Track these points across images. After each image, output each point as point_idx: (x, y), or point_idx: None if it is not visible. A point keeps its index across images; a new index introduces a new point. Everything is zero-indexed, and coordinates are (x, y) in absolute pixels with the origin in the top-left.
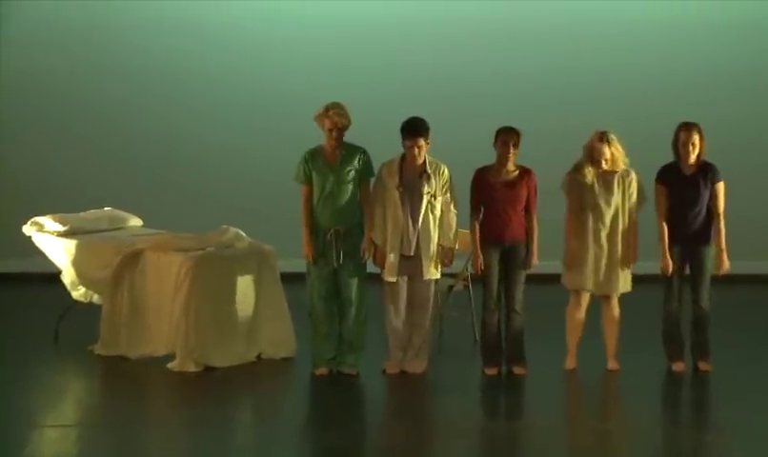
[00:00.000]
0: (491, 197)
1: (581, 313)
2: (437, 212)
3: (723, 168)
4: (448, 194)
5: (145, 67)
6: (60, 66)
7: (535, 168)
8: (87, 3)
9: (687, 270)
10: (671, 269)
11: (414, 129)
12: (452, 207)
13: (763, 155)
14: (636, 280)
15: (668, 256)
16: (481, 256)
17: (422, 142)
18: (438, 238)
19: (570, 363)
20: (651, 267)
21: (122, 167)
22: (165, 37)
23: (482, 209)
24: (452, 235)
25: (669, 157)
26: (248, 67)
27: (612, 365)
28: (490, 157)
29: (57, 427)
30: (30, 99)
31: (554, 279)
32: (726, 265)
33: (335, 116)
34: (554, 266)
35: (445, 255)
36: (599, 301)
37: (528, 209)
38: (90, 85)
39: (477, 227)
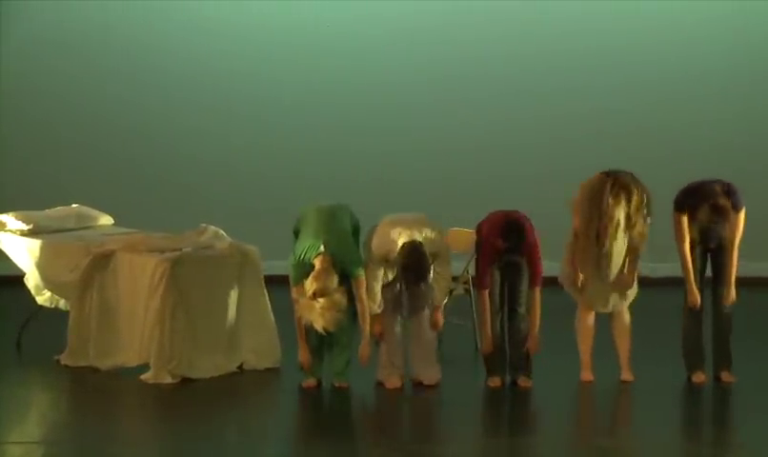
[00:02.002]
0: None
1: (591, 320)
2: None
3: (740, 165)
4: (441, 258)
5: (116, 62)
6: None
7: (538, 160)
8: None
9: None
10: (699, 302)
11: (413, 276)
12: (444, 269)
13: None
14: (653, 283)
15: (695, 289)
16: (489, 334)
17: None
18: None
19: (586, 375)
20: (668, 269)
21: (91, 161)
22: (145, 34)
23: (491, 277)
24: (441, 294)
25: (674, 151)
26: (226, 63)
27: (625, 375)
28: (492, 153)
29: (20, 444)
30: None
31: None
32: (733, 297)
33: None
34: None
35: (435, 317)
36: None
37: (531, 279)
38: (64, 79)
39: (486, 307)
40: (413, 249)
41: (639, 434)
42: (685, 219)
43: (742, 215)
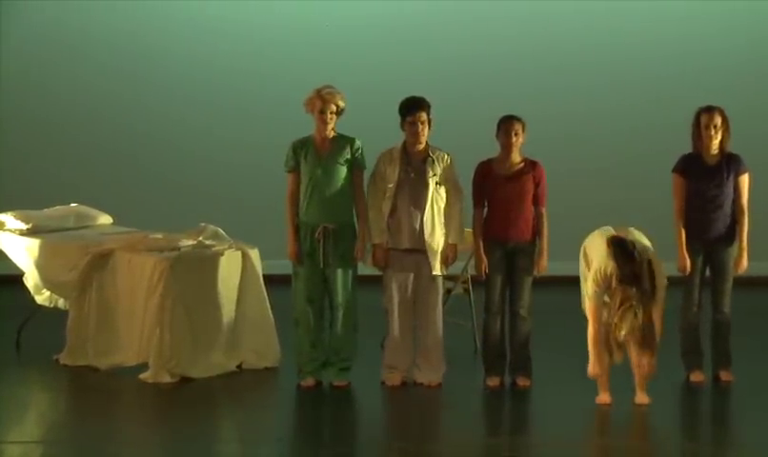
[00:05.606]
0: (494, 192)
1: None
2: (442, 203)
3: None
4: (450, 184)
5: (115, 62)
6: (20, 55)
7: (541, 158)
8: None
9: (707, 272)
10: (689, 269)
11: (413, 102)
12: (455, 198)
13: None
14: None
15: (685, 254)
16: (485, 258)
17: (424, 117)
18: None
19: (603, 397)
20: (667, 268)
21: (90, 161)
22: (144, 32)
23: (485, 206)
24: (455, 231)
25: (674, 151)
26: (225, 61)
27: (641, 398)
28: (493, 152)
29: (19, 444)
30: None
31: (562, 281)
32: (745, 264)
33: (328, 95)
34: (562, 267)
35: (447, 253)
36: None
37: (537, 205)
38: (62, 74)
39: (480, 225)
40: None
41: (639, 433)
42: (683, 181)
43: (746, 178)
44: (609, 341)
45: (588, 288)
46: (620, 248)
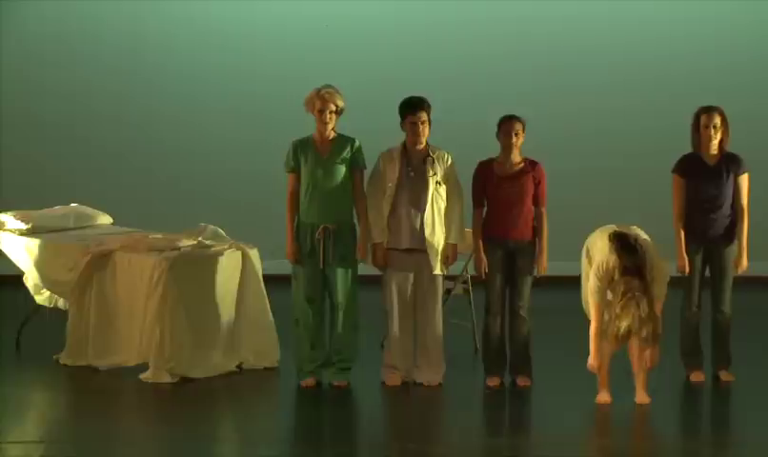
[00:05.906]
0: (494, 192)
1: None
2: (443, 203)
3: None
4: (451, 183)
5: (116, 61)
6: (24, 54)
7: (543, 159)
8: None
9: (707, 272)
10: (688, 269)
11: (414, 102)
12: (456, 198)
13: None
14: None
15: (684, 254)
16: (484, 259)
17: (424, 116)
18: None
19: (603, 397)
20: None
21: (91, 161)
22: (144, 30)
23: (485, 206)
24: (455, 230)
25: (674, 151)
26: (228, 61)
27: (641, 398)
28: (494, 150)
29: (19, 444)
30: None
31: (562, 280)
32: (745, 264)
33: (327, 95)
34: (562, 266)
35: (448, 253)
36: None
37: (537, 205)
38: (62, 74)
39: (479, 225)
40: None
41: (639, 433)
42: (682, 181)
43: (746, 178)
44: (609, 334)
45: (590, 284)
46: (622, 241)
